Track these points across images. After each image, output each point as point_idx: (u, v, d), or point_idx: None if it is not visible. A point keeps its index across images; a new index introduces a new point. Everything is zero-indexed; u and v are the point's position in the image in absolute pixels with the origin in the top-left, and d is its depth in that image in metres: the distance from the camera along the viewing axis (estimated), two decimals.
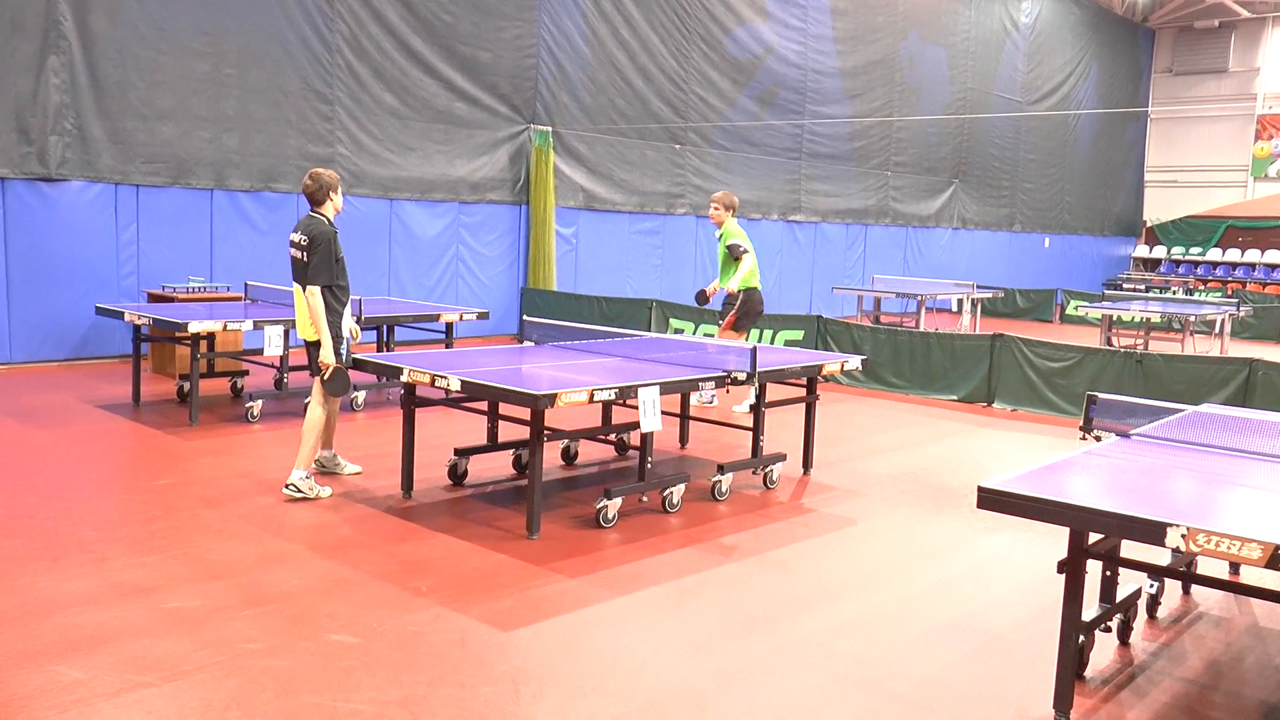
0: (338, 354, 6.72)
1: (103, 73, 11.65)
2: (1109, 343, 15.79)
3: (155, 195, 12.26)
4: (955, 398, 11.52)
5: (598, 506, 6.35)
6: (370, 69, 14.10)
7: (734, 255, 9.92)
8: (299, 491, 6.62)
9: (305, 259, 6.68)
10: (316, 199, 6.84)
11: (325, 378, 6.71)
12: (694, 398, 9.66)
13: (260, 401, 9.13)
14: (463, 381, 6.07)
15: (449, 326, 10.63)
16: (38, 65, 11.19)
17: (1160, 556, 5.01)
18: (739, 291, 9.96)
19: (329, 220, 6.83)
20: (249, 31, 12.78)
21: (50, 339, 11.64)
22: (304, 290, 6.72)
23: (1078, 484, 4.28)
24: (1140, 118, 32.88)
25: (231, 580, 5.21)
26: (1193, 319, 15.83)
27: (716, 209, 10.22)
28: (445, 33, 14.89)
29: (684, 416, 8.54)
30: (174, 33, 12.13)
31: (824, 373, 7.76)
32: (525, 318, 9.48)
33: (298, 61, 13.31)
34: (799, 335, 13.14)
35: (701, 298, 10.20)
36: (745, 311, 10.05)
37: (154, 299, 11.45)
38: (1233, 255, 31.42)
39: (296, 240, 6.76)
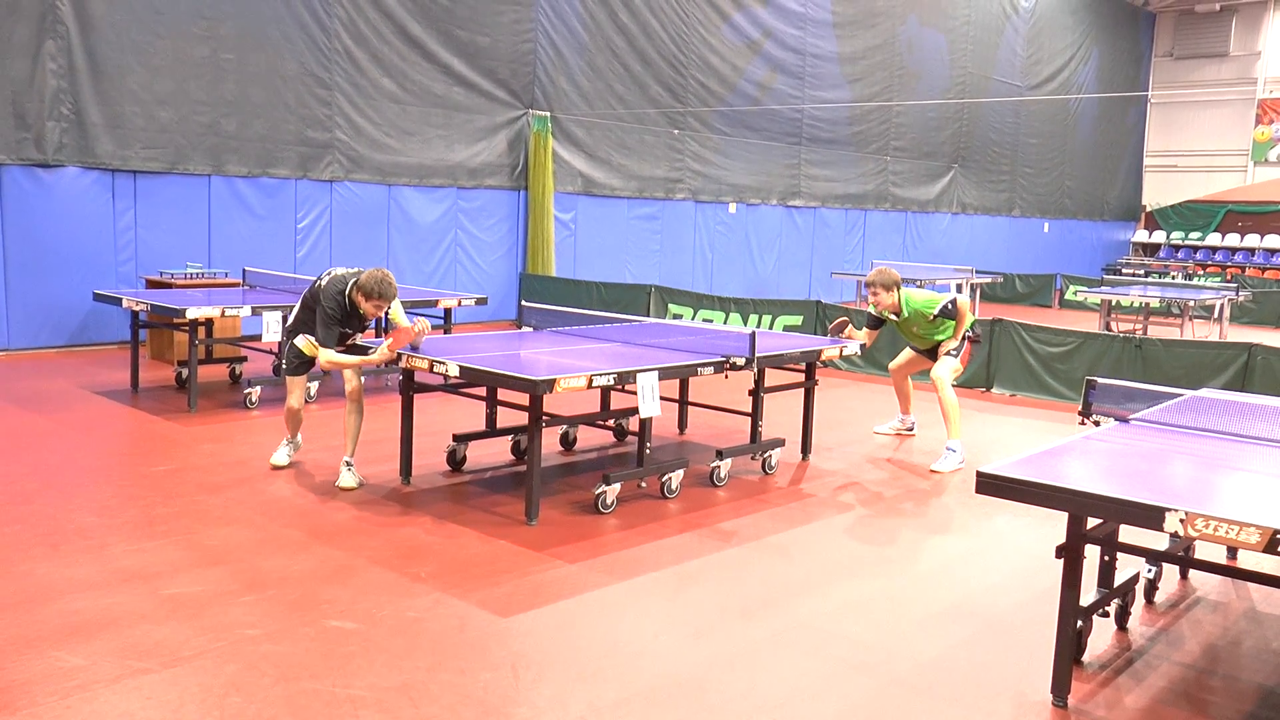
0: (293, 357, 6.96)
1: (100, 57, 11.60)
2: (1108, 328, 15.79)
3: (153, 181, 12.23)
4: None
5: (596, 492, 6.36)
6: (368, 54, 14.05)
7: (949, 316, 8.21)
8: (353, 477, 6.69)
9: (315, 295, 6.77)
10: (364, 290, 6.57)
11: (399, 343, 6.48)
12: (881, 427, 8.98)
13: (259, 388, 9.13)
14: (461, 367, 6.07)
15: (448, 312, 10.62)
16: (34, 50, 11.14)
17: (1158, 541, 5.02)
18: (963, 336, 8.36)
19: (347, 296, 6.60)
20: (247, 16, 12.72)
21: (48, 325, 11.63)
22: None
23: (1076, 469, 4.28)
24: (1140, 102, 32.79)
25: (231, 566, 5.22)
26: (1192, 304, 15.83)
27: (876, 293, 8.19)
28: (443, 17, 14.83)
29: (683, 402, 8.54)
30: (172, 17, 12.08)
31: (823, 358, 7.75)
32: (524, 303, 9.47)
33: (296, 46, 13.26)
34: (798, 320, 13.13)
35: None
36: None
37: (152, 285, 11.43)
38: (1232, 240, 31.39)
39: (322, 278, 6.80)
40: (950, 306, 8.13)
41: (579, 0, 16.56)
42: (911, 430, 9.07)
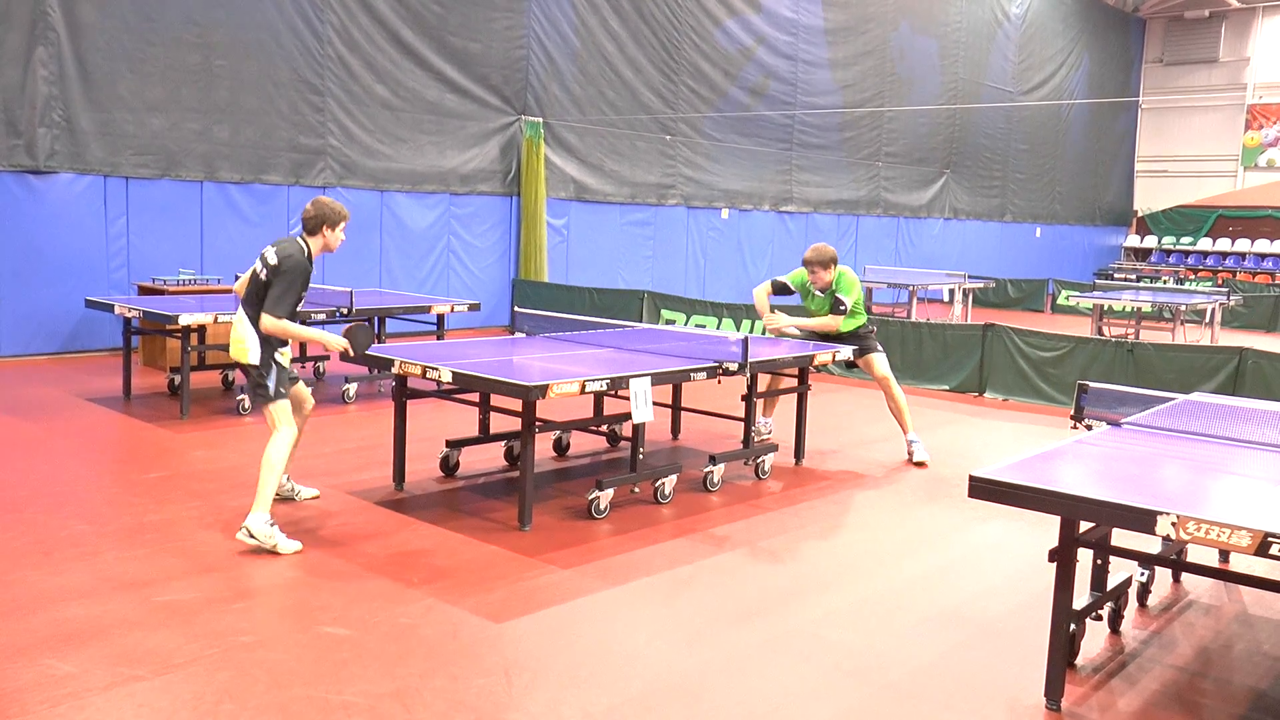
0: (274, 378, 5.79)
1: (91, 64, 11.59)
2: (1100, 332, 15.82)
3: (145, 187, 12.21)
4: (947, 388, 11.54)
5: (590, 498, 6.35)
6: (361, 60, 14.06)
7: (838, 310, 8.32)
8: (253, 538, 5.50)
9: (267, 280, 5.74)
10: (307, 227, 5.89)
11: (348, 341, 5.83)
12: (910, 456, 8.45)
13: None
14: (454, 373, 6.06)
15: (440, 318, 10.61)
16: (25, 57, 11.13)
17: (1151, 545, 5.03)
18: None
19: (309, 252, 5.87)
20: (239, 23, 12.72)
21: (40, 332, 11.60)
22: (258, 313, 5.73)
23: (1069, 473, 4.29)
24: (1131, 108, 32.91)
25: (223, 573, 5.20)
26: (1183, 308, 15.87)
27: (815, 272, 8.26)
28: (435, 24, 14.84)
29: (676, 407, 8.54)
30: (163, 23, 12.07)
31: (815, 363, 7.76)
32: (517, 309, 9.47)
33: (288, 53, 13.26)
34: None
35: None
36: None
37: (144, 291, 11.41)
38: (1223, 245, 31.51)
39: (266, 256, 5.79)
40: (842, 307, 8.22)
41: (571, 6, 16.59)
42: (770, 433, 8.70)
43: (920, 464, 8.10)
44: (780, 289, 8.58)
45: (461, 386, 6.49)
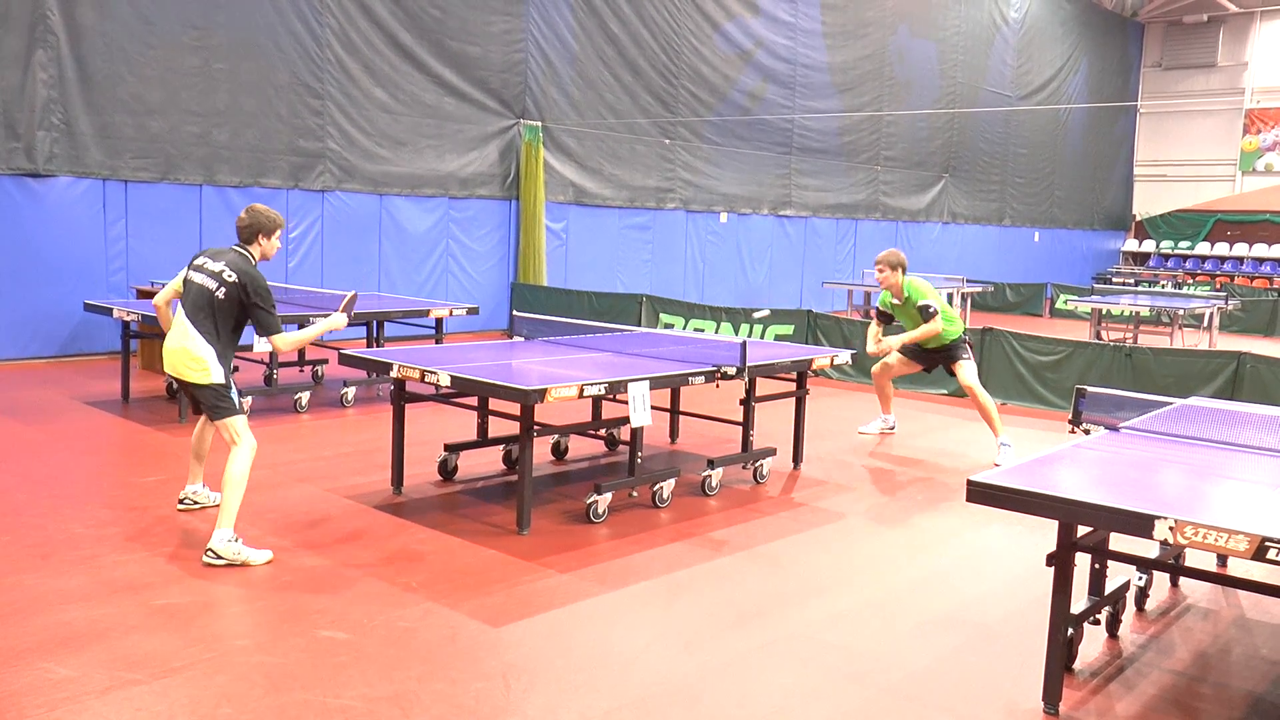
0: (234, 390, 5.67)
1: (91, 67, 11.60)
2: (1098, 336, 15.83)
3: (144, 190, 12.21)
4: (945, 392, 11.54)
5: (588, 502, 6.35)
6: (360, 64, 14.07)
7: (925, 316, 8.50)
8: (221, 558, 5.34)
9: (237, 299, 5.56)
10: (243, 236, 5.72)
11: (347, 315, 6.01)
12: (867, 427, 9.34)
13: (249, 398, 9.09)
14: (453, 377, 6.06)
15: (439, 322, 10.61)
16: (24, 60, 11.13)
17: (1149, 549, 5.04)
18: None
19: (254, 262, 5.74)
20: (238, 25, 12.73)
21: (38, 336, 11.60)
22: (216, 329, 5.58)
23: (1067, 477, 4.29)
24: (1129, 112, 32.96)
25: (221, 577, 5.20)
26: (1181, 313, 15.88)
27: (882, 270, 8.63)
28: (434, 27, 14.86)
29: (674, 411, 8.54)
30: (163, 26, 12.08)
31: (814, 367, 7.77)
32: (515, 313, 9.47)
33: (288, 56, 13.27)
34: (789, 330, 13.15)
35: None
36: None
37: (143, 295, 11.40)
38: (1221, 249, 31.54)
39: (217, 271, 5.57)
40: (930, 309, 8.46)
41: (570, 10, 16.60)
42: (893, 429, 9.46)
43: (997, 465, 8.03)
44: (883, 317, 8.91)
45: (460, 390, 6.48)
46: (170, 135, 12.30)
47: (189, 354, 5.55)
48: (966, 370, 8.55)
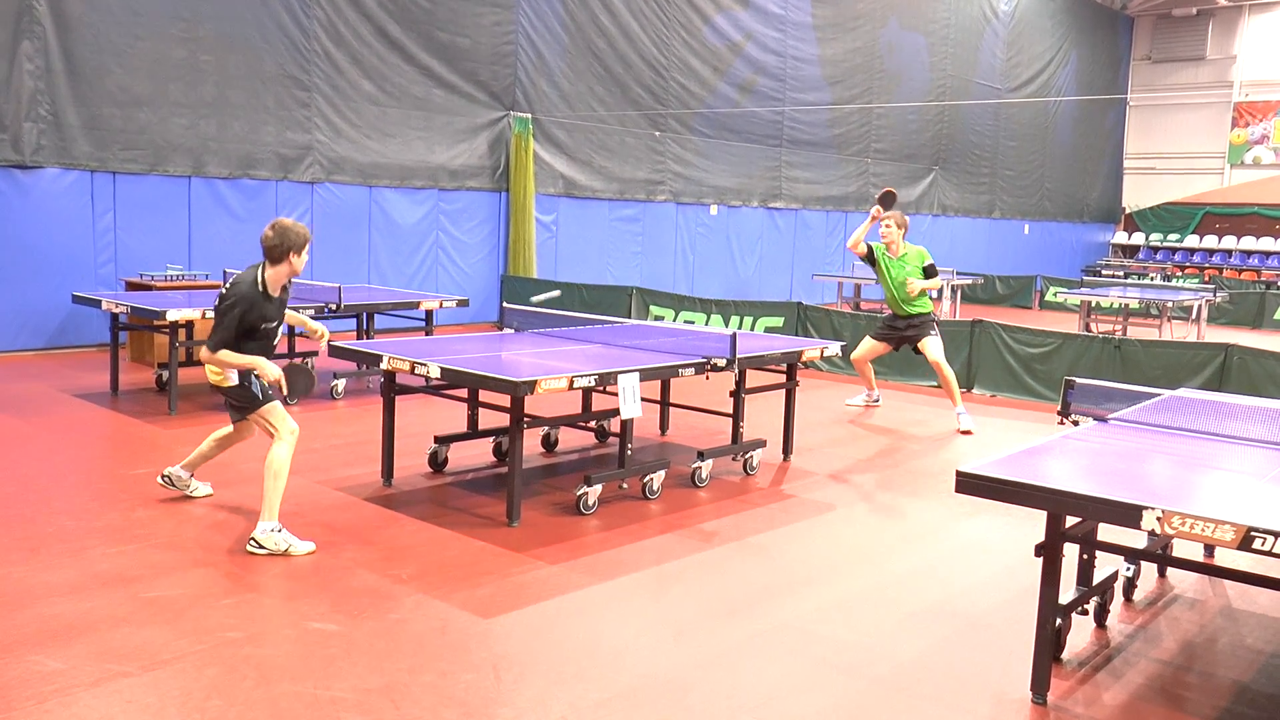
0: (257, 384, 5.68)
1: (78, 58, 11.53)
2: (1087, 328, 15.88)
3: (132, 182, 12.16)
4: (935, 384, 11.56)
5: (578, 493, 6.36)
6: (348, 55, 14.01)
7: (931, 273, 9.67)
8: (263, 548, 5.41)
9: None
10: (271, 255, 5.60)
11: (284, 386, 5.72)
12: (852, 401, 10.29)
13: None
14: (443, 369, 6.06)
15: (429, 314, 10.60)
16: (11, 51, 11.06)
17: (1137, 539, 5.06)
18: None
19: (262, 281, 5.61)
20: (226, 17, 12.67)
21: (27, 328, 11.55)
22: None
23: (1055, 468, 4.31)
24: (1119, 105, 33.02)
25: (211, 569, 5.19)
26: (1170, 305, 15.95)
27: (889, 225, 9.61)
28: (423, 19, 14.80)
29: (664, 403, 8.55)
30: (150, 18, 12.01)
31: (804, 359, 7.78)
32: (505, 305, 9.46)
33: (275, 48, 13.21)
34: (779, 322, 13.16)
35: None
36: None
37: (132, 287, 11.37)
38: (1210, 241, 31.63)
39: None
40: (935, 267, 9.62)
41: (560, 2, 16.56)
42: (877, 402, 10.32)
43: (966, 432, 9.17)
44: (867, 254, 9.61)
45: (450, 382, 6.48)
46: (158, 127, 12.24)
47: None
48: (933, 346, 9.50)
